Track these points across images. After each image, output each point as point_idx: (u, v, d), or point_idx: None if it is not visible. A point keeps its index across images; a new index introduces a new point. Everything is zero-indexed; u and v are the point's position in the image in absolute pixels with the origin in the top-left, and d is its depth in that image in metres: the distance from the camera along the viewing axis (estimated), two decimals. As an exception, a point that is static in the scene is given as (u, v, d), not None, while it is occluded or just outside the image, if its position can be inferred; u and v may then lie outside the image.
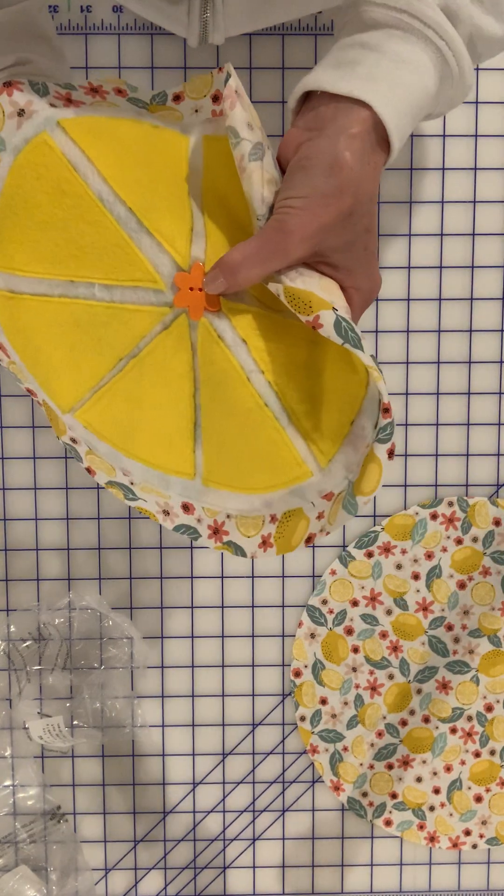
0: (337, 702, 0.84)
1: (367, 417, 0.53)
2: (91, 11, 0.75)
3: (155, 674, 0.83)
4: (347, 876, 0.86)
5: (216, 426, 0.57)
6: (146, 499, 0.58)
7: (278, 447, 0.56)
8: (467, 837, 0.85)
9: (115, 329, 0.57)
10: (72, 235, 0.56)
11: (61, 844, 0.83)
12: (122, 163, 0.55)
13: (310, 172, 0.50)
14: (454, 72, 0.54)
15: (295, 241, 0.50)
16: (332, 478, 0.55)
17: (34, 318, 0.57)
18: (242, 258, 0.51)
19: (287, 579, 0.83)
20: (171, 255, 0.55)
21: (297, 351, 0.55)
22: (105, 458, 0.59)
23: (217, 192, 0.55)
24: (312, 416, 0.55)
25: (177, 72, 0.76)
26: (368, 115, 0.50)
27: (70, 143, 0.55)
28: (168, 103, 0.54)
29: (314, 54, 0.77)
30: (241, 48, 0.76)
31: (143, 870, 0.85)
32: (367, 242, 0.53)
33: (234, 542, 0.57)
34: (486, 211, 0.80)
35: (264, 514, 0.57)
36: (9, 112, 0.55)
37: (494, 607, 0.83)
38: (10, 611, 0.82)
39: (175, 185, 0.55)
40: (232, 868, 0.86)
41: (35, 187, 0.55)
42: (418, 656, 0.84)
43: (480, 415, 0.82)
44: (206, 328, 0.55)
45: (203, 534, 0.58)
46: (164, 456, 0.59)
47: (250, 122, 0.52)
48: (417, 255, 0.80)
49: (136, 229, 0.55)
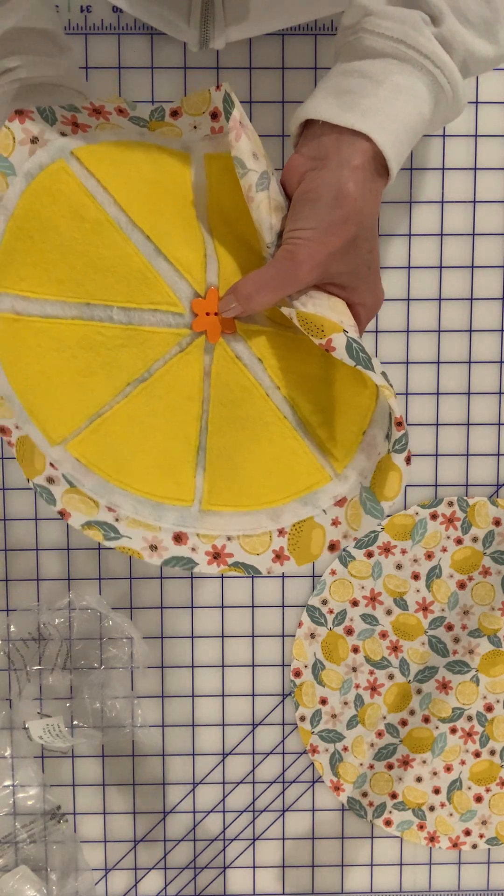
0: (337, 702, 0.84)
1: (378, 428, 0.56)
2: (91, 11, 0.76)
3: (155, 674, 0.83)
4: (347, 876, 0.86)
5: (226, 444, 0.59)
6: (131, 535, 0.59)
7: (298, 455, 0.58)
8: (467, 837, 0.85)
9: (130, 351, 0.58)
10: (91, 259, 0.57)
11: (61, 844, 0.83)
12: (135, 189, 0.57)
13: (316, 205, 0.53)
14: (448, 96, 0.56)
15: (305, 270, 0.53)
16: (347, 483, 0.58)
17: (41, 340, 0.58)
18: (257, 287, 0.54)
19: (287, 579, 0.83)
20: (189, 281, 0.57)
21: (308, 366, 0.58)
22: (91, 494, 0.59)
23: (222, 211, 0.57)
24: (326, 427, 0.58)
25: (177, 72, 0.76)
26: (369, 147, 0.53)
27: (86, 172, 0.56)
28: (166, 119, 0.55)
29: (314, 54, 0.77)
30: (241, 49, 0.76)
31: (143, 870, 0.85)
32: (371, 262, 0.56)
33: (242, 562, 0.59)
34: (486, 211, 0.80)
35: (271, 529, 0.59)
36: (20, 139, 0.56)
37: (494, 607, 0.83)
38: (10, 611, 0.82)
39: (184, 208, 0.57)
40: (232, 868, 0.86)
41: (52, 211, 0.57)
42: (418, 656, 0.84)
43: (480, 415, 0.82)
44: (224, 349, 0.57)
45: (200, 562, 0.59)
46: (161, 483, 0.59)
47: (255, 152, 0.53)
48: (417, 255, 0.80)
49: (153, 255, 0.57)
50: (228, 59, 0.76)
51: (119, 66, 0.76)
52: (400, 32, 0.53)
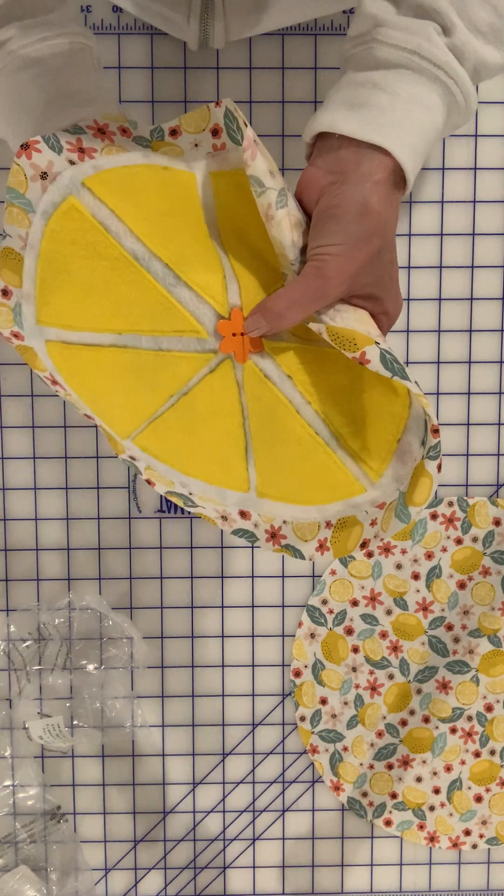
0: (337, 702, 0.84)
1: (413, 435, 0.57)
2: (91, 11, 0.75)
3: (155, 674, 0.83)
4: (347, 876, 0.86)
5: (268, 452, 0.61)
6: (205, 506, 0.62)
7: (332, 471, 0.59)
8: (467, 837, 0.85)
9: (165, 373, 0.60)
10: (113, 296, 0.58)
11: (61, 844, 0.83)
12: (147, 216, 0.57)
13: (341, 221, 0.53)
14: (461, 105, 0.56)
15: (334, 285, 0.54)
16: (384, 490, 0.59)
17: (88, 364, 0.60)
18: (287, 305, 0.54)
19: (287, 579, 0.83)
20: (211, 305, 0.58)
21: (337, 377, 0.58)
22: (164, 475, 0.63)
23: (234, 229, 0.57)
24: (359, 437, 0.59)
25: (177, 72, 0.76)
26: (389, 161, 0.53)
27: (98, 203, 0.57)
28: (166, 138, 0.56)
29: (314, 54, 0.77)
30: (241, 48, 0.76)
31: (143, 870, 0.85)
32: (392, 271, 0.57)
33: (292, 545, 0.61)
34: (486, 211, 0.80)
35: (319, 520, 0.61)
36: (31, 175, 0.57)
37: (494, 607, 0.83)
38: (10, 611, 0.82)
39: (198, 230, 0.57)
40: (232, 868, 0.86)
41: (72, 251, 0.58)
42: (418, 656, 0.84)
43: (480, 415, 0.82)
44: (252, 369, 0.58)
45: (261, 538, 0.61)
46: (219, 475, 0.62)
47: (271, 170, 0.54)
48: (417, 255, 0.80)
49: (173, 283, 0.58)
50: (228, 59, 0.76)
51: (119, 66, 0.76)
52: (413, 44, 0.53)
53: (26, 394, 0.80)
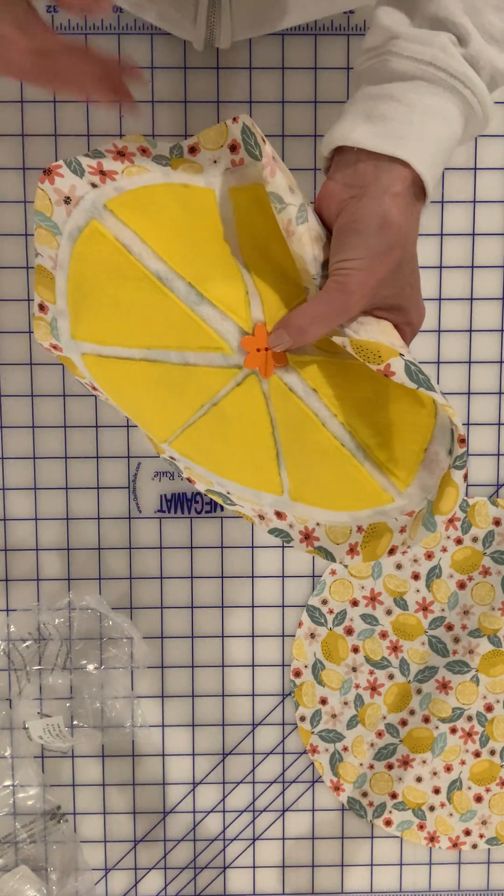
0: (337, 702, 0.84)
1: (440, 444, 0.57)
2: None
3: (155, 674, 0.83)
4: (347, 876, 0.86)
5: (297, 461, 0.61)
6: (243, 505, 0.63)
7: (359, 482, 0.60)
8: (467, 837, 0.85)
9: (193, 385, 0.60)
10: (139, 315, 0.59)
11: (61, 844, 0.83)
12: (169, 235, 0.58)
13: (362, 234, 0.53)
14: (478, 114, 0.56)
15: (356, 299, 0.54)
16: (412, 499, 0.59)
17: (121, 375, 0.61)
18: (310, 320, 0.55)
19: (287, 579, 0.83)
20: (234, 321, 0.58)
21: (361, 389, 0.59)
22: (202, 475, 0.64)
23: (255, 244, 0.58)
24: (385, 448, 0.59)
25: (177, 72, 0.76)
26: (408, 173, 0.53)
27: (121, 225, 0.58)
28: (185, 156, 0.56)
29: (314, 55, 0.77)
30: (242, 49, 0.76)
31: (143, 870, 0.85)
32: (413, 282, 0.57)
33: (325, 547, 0.62)
34: (486, 211, 0.80)
35: (351, 524, 0.61)
36: (55, 199, 0.57)
37: (494, 607, 0.83)
38: (10, 611, 0.82)
39: (219, 247, 0.58)
40: (232, 868, 0.86)
41: (98, 273, 0.59)
42: (418, 656, 0.84)
43: (480, 415, 0.82)
44: (277, 384, 0.59)
45: (295, 538, 0.62)
46: (253, 478, 0.63)
47: (290, 186, 0.54)
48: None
49: (197, 301, 0.58)
50: (228, 59, 0.76)
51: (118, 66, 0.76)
52: (429, 55, 0.53)
53: (26, 394, 0.80)
